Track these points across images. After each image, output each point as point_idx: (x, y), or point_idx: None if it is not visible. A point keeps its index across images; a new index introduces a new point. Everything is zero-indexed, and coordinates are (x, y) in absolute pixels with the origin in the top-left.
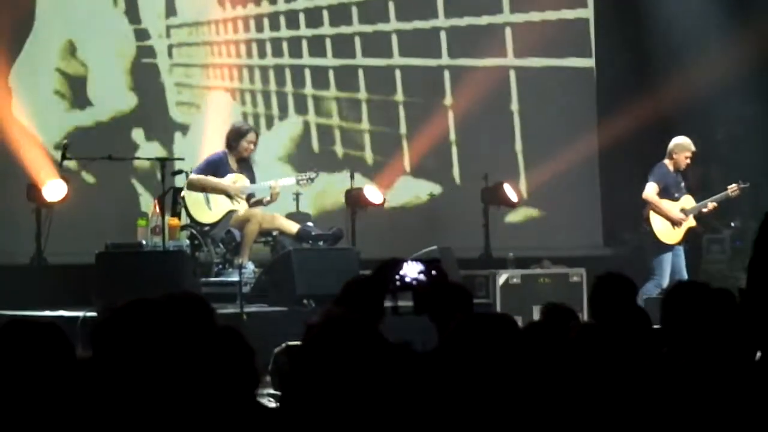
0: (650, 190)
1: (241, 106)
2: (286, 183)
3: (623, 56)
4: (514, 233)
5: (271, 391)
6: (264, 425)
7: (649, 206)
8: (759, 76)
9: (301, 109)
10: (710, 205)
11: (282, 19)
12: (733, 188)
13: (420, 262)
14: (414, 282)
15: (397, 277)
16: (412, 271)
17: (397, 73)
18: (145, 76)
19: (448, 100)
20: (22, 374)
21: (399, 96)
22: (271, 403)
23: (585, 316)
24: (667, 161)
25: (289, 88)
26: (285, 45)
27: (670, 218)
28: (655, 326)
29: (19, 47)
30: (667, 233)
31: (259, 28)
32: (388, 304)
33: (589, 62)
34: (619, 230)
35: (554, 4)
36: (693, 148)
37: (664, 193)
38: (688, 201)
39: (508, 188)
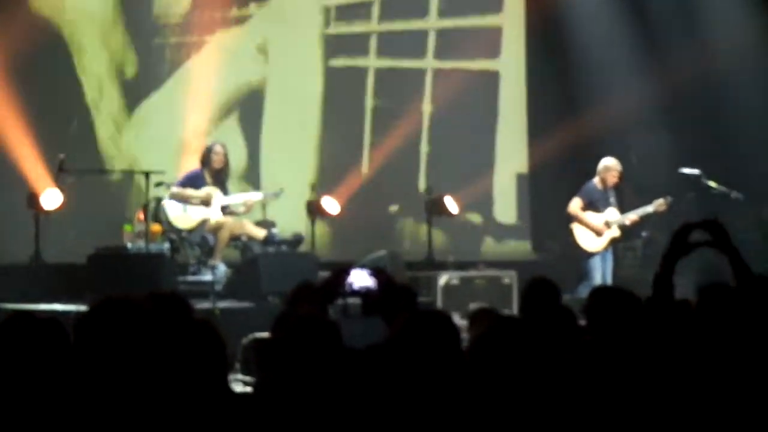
0: (573, 205)
1: (218, 120)
2: (255, 198)
3: (551, 87)
4: (454, 239)
5: (240, 377)
6: (235, 407)
7: (572, 218)
8: (668, 108)
9: (271, 126)
10: (633, 217)
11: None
12: (660, 203)
13: (367, 270)
14: (363, 289)
15: (347, 283)
16: (360, 278)
17: (353, 98)
18: (133, 94)
19: (398, 123)
20: (26, 361)
21: (355, 117)
22: (240, 387)
23: (515, 312)
24: (596, 179)
25: (259, 105)
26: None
27: (592, 228)
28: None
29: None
30: (589, 242)
31: (234, 56)
32: (339, 304)
33: (521, 92)
34: (546, 239)
35: (492, 42)
36: (618, 168)
37: (589, 206)
38: (612, 214)
39: (448, 200)
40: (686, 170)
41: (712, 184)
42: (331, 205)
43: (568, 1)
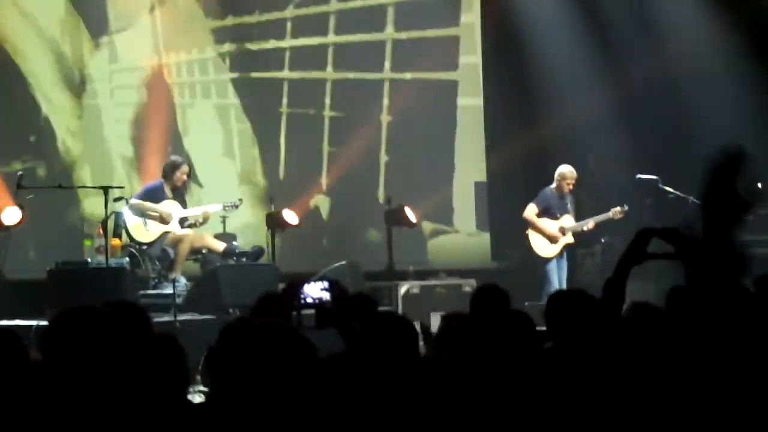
0: (528, 211)
1: (175, 139)
2: (214, 209)
3: (508, 96)
4: (414, 249)
5: (202, 388)
6: (194, 419)
7: (528, 224)
8: (625, 113)
9: (228, 140)
10: (590, 224)
11: (209, 65)
12: (616, 211)
13: (321, 282)
14: (316, 301)
15: (301, 296)
16: (313, 291)
17: (311, 112)
18: (91, 114)
19: (356, 134)
20: None
21: (313, 130)
22: (201, 399)
23: None
24: (552, 186)
25: (216, 122)
26: (213, 86)
27: (547, 235)
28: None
29: None
30: (543, 248)
31: (191, 73)
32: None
33: (478, 101)
34: (505, 247)
35: (449, 51)
36: (573, 176)
37: (545, 213)
38: (567, 220)
39: (408, 210)
40: (644, 176)
41: (670, 189)
42: (290, 216)
43: (524, 10)
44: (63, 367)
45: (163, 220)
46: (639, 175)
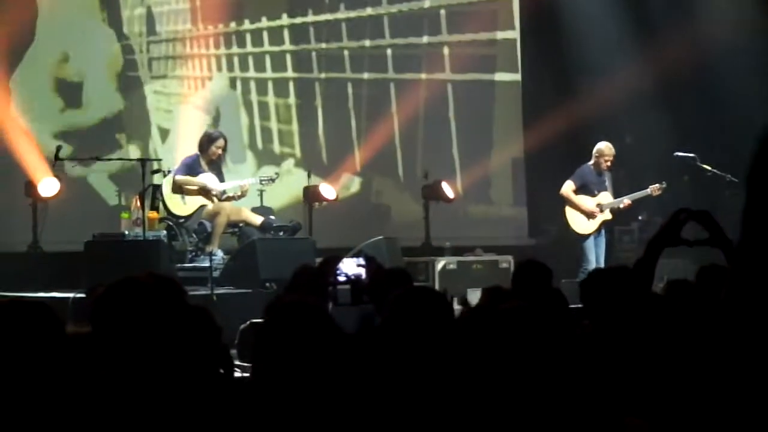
0: (565, 187)
1: (212, 112)
2: (251, 183)
3: (546, 71)
4: (451, 225)
5: (237, 362)
6: (230, 393)
7: (565, 201)
8: (663, 90)
9: (265, 115)
10: (626, 201)
11: (248, 37)
12: (655, 188)
13: (357, 257)
14: (352, 277)
15: (337, 272)
16: (349, 267)
17: (349, 86)
18: (129, 86)
19: (393, 109)
20: (15, 348)
21: (350, 104)
22: (237, 373)
23: None
24: (590, 162)
25: (254, 96)
26: (251, 59)
27: (584, 211)
28: (572, 306)
29: (19, 57)
30: (580, 224)
31: (228, 45)
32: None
33: (516, 77)
34: (542, 223)
35: (486, 25)
36: (611, 152)
37: (582, 190)
38: (605, 197)
39: (445, 186)
40: (681, 153)
41: (707, 167)
42: (328, 191)
43: None
44: (111, 339)
45: (207, 193)
46: (677, 153)
